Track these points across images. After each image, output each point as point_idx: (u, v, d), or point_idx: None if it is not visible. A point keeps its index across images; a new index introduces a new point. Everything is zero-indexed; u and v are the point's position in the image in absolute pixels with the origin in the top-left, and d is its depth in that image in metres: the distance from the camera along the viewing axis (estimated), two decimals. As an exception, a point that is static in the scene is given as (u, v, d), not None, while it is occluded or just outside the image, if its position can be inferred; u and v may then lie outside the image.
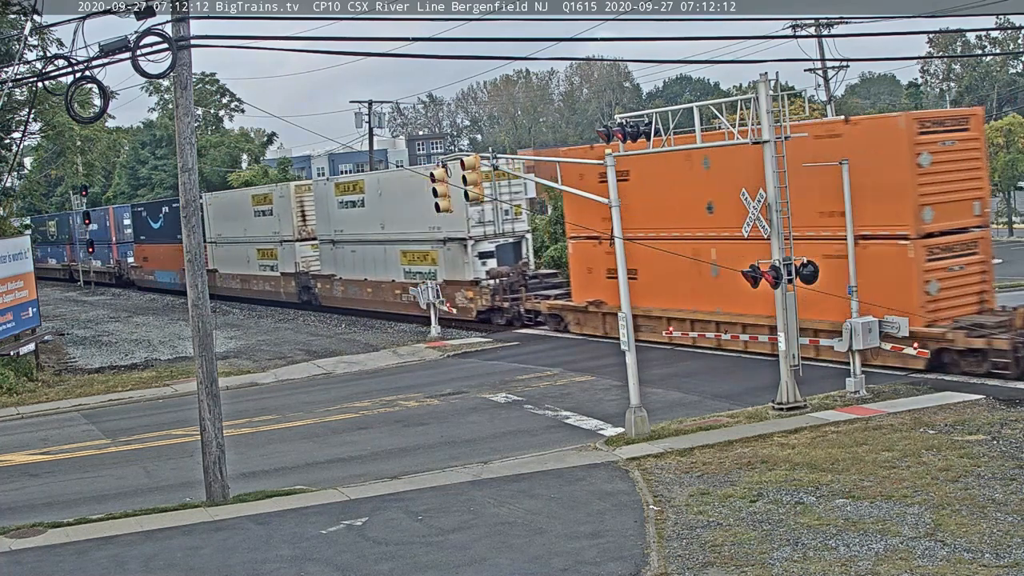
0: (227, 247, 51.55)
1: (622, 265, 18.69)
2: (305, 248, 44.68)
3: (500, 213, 34.59)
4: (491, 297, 33.49)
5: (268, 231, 46.67)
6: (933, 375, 20.86)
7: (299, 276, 44.71)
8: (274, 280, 46.87)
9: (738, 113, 19.37)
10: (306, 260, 44.61)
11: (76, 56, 15.87)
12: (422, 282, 34.41)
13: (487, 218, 34.48)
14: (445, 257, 35.03)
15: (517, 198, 35.50)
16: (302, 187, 46.05)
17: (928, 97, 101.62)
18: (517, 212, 35.39)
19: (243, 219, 49.02)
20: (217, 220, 51.85)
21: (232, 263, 51.28)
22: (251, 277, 49.28)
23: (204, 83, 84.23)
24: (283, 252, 45.99)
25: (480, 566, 12.34)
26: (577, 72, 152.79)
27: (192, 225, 16.25)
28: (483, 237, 34.44)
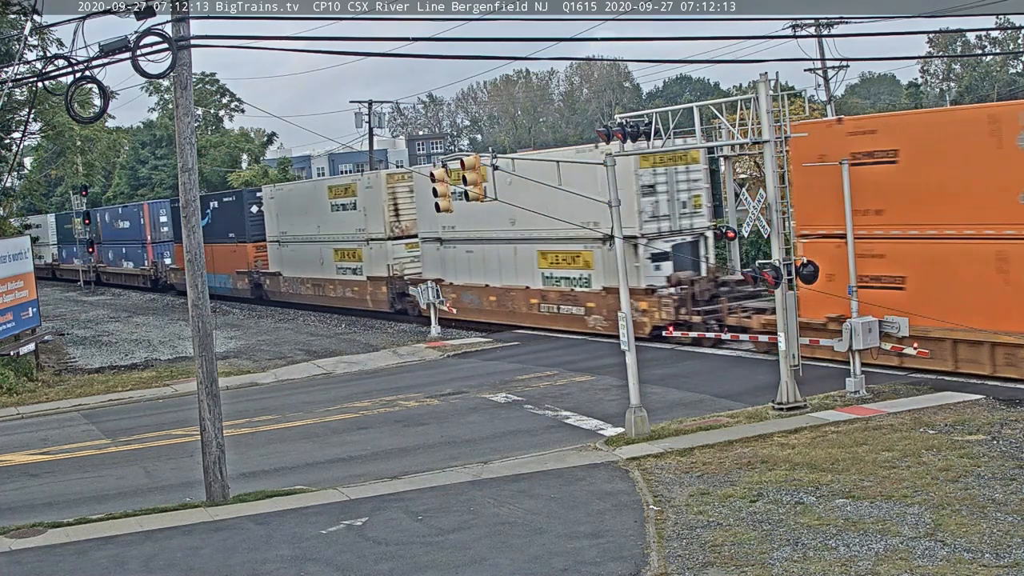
0: (295, 247, 45.09)
1: (622, 265, 18.70)
2: (399, 248, 38.57)
3: (677, 205, 28.45)
4: (674, 309, 27.03)
5: (350, 228, 40.10)
6: (933, 375, 20.86)
7: (392, 281, 38.45)
8: (358, 286, 40.11)
9: (738, 113, 19.38)
10: (400, 262, 38.54)
11: (76, 56, 15.88)
12: (422, 283, 34.23)
13: (661, 211, 28.00)
14: (605, 259, 28.42)
15: (696, 187, 28.93)
16: (395, 176, 39.56)
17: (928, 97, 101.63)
18: (696, 204, 28.89)
19: (316, 214, 42.46)
20: (282, 216, 45.90)
21: (301, 265, 44.78)
22: (327, 282, 42.39)
23: (204, 83, 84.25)
24: (370, 253, 39.63)
25: (480, 566, 12.34)
26: (577, 72, 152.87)
27: (192, 225, 16.26)
28: (657, 234, 27.98)
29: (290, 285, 45.59)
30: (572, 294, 29.97)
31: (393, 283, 38.41)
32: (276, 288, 46.55)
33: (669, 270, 27.89)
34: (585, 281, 29.42)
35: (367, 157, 68.23)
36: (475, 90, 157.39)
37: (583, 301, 29.69)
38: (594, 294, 29.09)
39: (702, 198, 28.82)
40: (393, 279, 38.49)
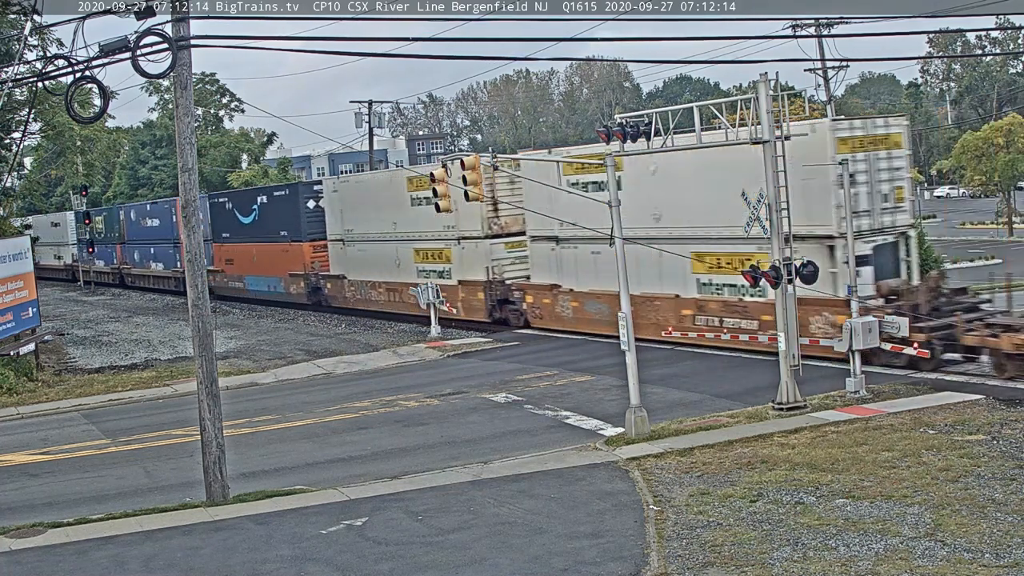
0: (362, 246, 40.25)
1: (622, 265, 18.70)
2: (498, 248, 33.86)
3: (878, 198, 23.47)
4: None
5: (436, 225, 34.60)
6: (933, 375, 20.86)
7: (491, 286, 33.93)
8: (446, 291, 34.76)
9: (738, 113, 19.38)
10: (499, 264, 33.82)
11: (76, 56, 15.87)
12: (423, 282, 34.08)
13: (861, 205, 23.08)
14: None
15: (898, 177, 23.87)
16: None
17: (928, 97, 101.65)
18: (899, 197, 23.91)
19: (392, 210, 37.09)
20: (347, 211, 41.05)
21: (371, 268, 39.73)
22: (404, 287, 36.80)
23: (204, 83, 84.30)
24: (462, 253, 34.82)
25: (480, 566, 12.34)
26: (577, 72, 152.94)
27: (192, 225, 16.20)
28: (856, 233, 22.38)
29: (357, 289, 40.64)
30: (741, 305, 24.86)
31: (492, 288, 33.78)
32: (339, 293, 42.08)
33: (870, 277, 23.13)
34: (760, 290, 23.19)
35: (367, 157, 68.21)
36: (475, 90, 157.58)
37: (755, 313, 24.75)
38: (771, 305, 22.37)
39: (905, 190, 24.12)
40: (493, 284, 33.74)
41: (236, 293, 50.71)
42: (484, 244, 33.88)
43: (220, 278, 51.84)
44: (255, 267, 48.06)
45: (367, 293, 40.11)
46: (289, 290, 45.71)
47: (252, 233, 47.95)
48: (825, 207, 22.33)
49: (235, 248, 50.06)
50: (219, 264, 51.92)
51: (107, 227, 67.88)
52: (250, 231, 48.18)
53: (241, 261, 49.52)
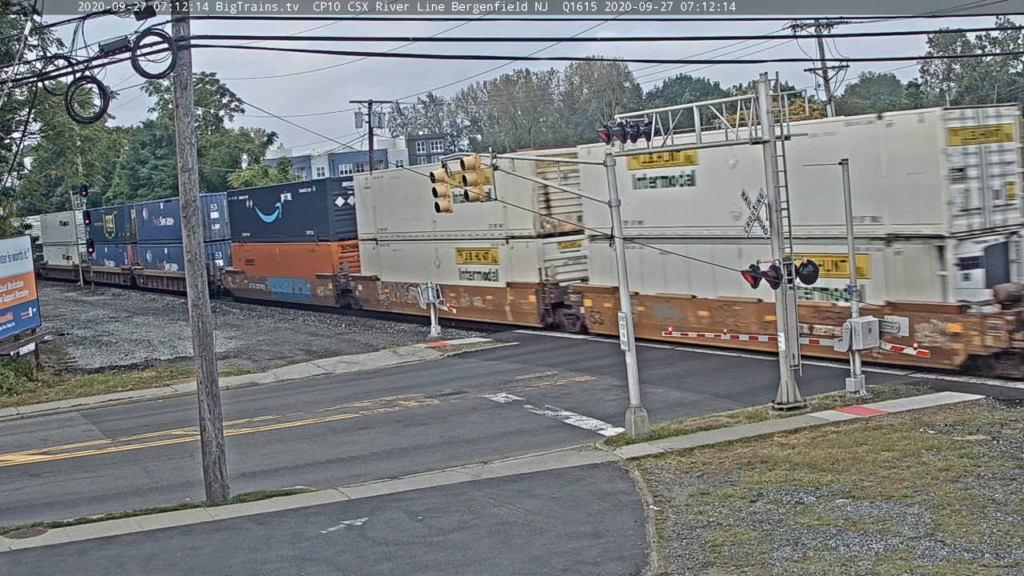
0: (398, 246, 37.80)
1: (622, 265, 18.70)
2: (550, 247, 31.55)
3: (989, 195, 21.60)
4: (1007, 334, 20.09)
5: (481, 224, 32.48)
6: (933, 375, 20.86)
7: (544, 289, 31.62)
8: (492, 293, 33.13)
9: (738, 113, 19.37)
10: (552, 264, 31.56)
11: (76, 56, 15.89)
12: (423, 282, 33.98)
13: (973, 203, 21.27)
14: (889, 264, 21.90)
15: (1010, 171, 22.06)
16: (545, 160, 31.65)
17: (928, 97, 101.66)
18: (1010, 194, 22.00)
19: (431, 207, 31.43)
20: (381, 209, 38.40)
21: (407, 268, 37.21)
22: (445, 289, 34.30)
23: (204, 83, 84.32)
24: (511, 254, 32.47)
25: (480, 566, 12.34)
26: (577, 72, 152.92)
27: (192, 225, 16.22)
28: (967, 234, 21.05)
29: (392, 292, 38.08)
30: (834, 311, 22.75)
31: (545, 291, 31.48)
32: (371, 295, 39.71)
33: (980, 280, 21.32)
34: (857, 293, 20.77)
35: (367, 157, 68.21)
36: (475, 90, 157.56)
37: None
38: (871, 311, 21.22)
39: (1017, 186, 22.20)
40: (546, 286, 31.47)
41: (258, 295, 48.21)
42: (535, 244, 31.38)
43: (240, 280, 49.64)
44: (279, 268, 45.57)
45: (403, 295, 37.15)
46: (316, 292, 43.43)
47: (275, 232, 45.47)
48: (934, 204, 20.75)
49: (256, 248, 47.42)
50: (239, 265, 49.70)
51: (118, 226, 65.21)
52: (273, 230, 45.63)
53: (263, 262, 46.94)
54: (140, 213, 61.02)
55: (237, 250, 49.75)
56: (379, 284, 38.92)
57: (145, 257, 60.59)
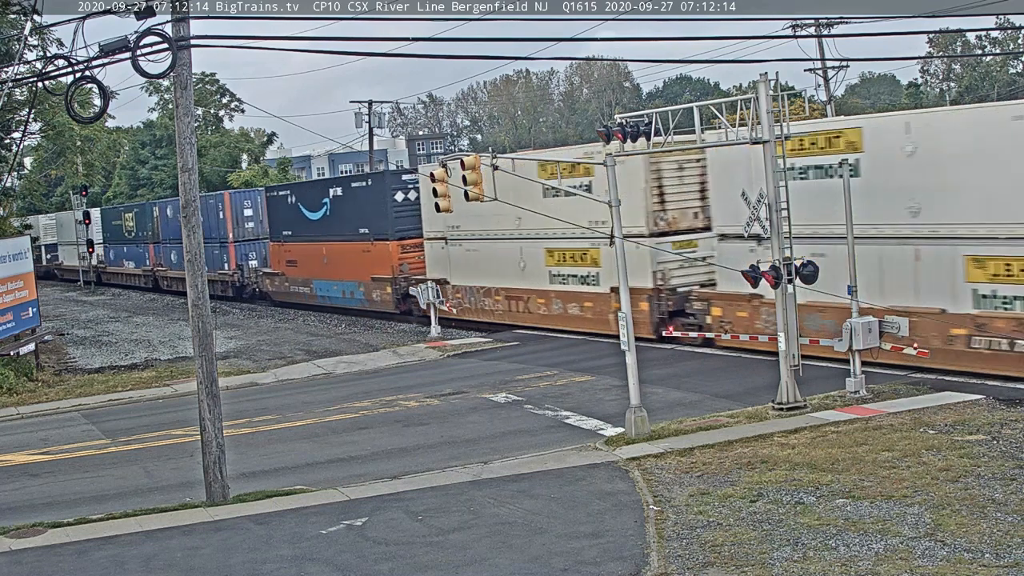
0: (473, 245, 33.66)
1: (622, 265, 18.70)
2: (664, 247, 26.89)
3: None
4: None
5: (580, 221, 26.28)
6: (933, 375, 20.86)
7: (659, 295, 27.13)
8: (592, 300, 29.44)
9: (738, 113, 19.37)
10: (666, 267, 27.06)
11: (76, 56, 15.89)
12: (423, 285, 33.90)
13: None
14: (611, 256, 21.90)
15: None
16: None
17: (928, 97, 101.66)
18: None
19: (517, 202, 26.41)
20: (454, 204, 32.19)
21: (482, 271, 33.30)
22: (533, 295, 30.85)
23: (204, 83, 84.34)
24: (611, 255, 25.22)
25: (480, 566, 12.34)
26: (577, 72, 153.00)
27: (192, 225, 16.22)
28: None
29: (465, 297, 34.23)
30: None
31: (661, 297, 27.09)
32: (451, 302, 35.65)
33: None
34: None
35: (367, 157, 68.20)
36: (475, 90, 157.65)
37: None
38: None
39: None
40: (661, 292, 27.17)
41: (300, 299, 44.15)
42: (648, 243, 26.64)
43: (279, 282, 45.48)
44: (326, 270, 41.46)
45: (479, 301, 33.60)
46: (371, 296, 39.40)
47: (322, 231, 41.33)
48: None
49: (300, 248, 43.40)
50: (278, 266, 45.79)
51: (138, 225, 61.35)
52: (320, 228, 41.48)
53: (308, 263, 42.78)
54: (164, 211, 56.79)
55: (276, 250, 45.81)
56: (449, 288, 34.72)
57: (169, 258, 56.45)
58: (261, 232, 48.74)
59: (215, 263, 49.95)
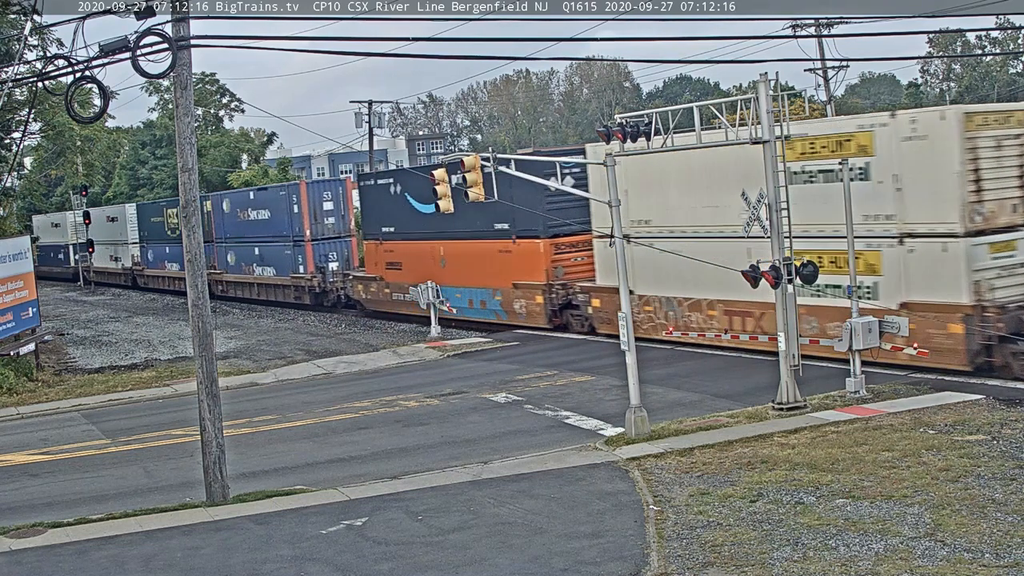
0: (673, 246, 25.02)
1: (622, 265, 18.69)
2: (980, 251, 20.63)
3: None
4: None
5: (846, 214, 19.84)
6: (933, 375, 20.86)
7: (984, 313, 20.33)
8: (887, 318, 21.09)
9: (738, 113, 19.37)
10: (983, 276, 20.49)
11: (76, 56, 15.89)
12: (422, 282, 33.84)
13: None
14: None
15: None
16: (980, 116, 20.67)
17: (928, 97, 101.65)
18: None
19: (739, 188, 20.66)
20: (637, 194, 26.82)
21: (683, 278, 25.89)
22: (763, 309, 23.34)
23: (204, 83, 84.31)
24: (907, 260, 21.36)
25: (480, 566, 12.34)
26: (577, 72, 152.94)
27: (192, 225, 16.21)
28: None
29: (660, 310, 27.21)
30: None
31: (987, 317, 20.28)
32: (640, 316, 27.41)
33: None
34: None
35: (367, 157, 68.21)
36: (475, 90, 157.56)
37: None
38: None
39: None
40: (987, 310, 20.36)
41: (407, 310, 36.25)
42: (959, 245, 20.44)
43: (377, 289, 38.67)
44: (444, 274, 34.38)
45: (682, 316, 26.61)
46: (511, 307, 32.70)
47: (440, 226, 33.37)
48: None
49: (406, 248, 36.53)
50: (374, 268, 38.99)
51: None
52: (437, 224, 33.21)
53: (417, 265, 35.72)
54: (219, 205, 50.49)
55: (373, 250, 38.91)
56: (634, 299, 25.97)
57: (226, 260, 50.20)
58: (343, 229, 43.12)
59: (287, 266, 44.18)
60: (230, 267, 50.03)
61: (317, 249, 43.37)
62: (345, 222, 43.51)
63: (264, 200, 46.78)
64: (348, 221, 43.47)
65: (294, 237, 43.71)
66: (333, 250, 43.25)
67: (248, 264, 48.36)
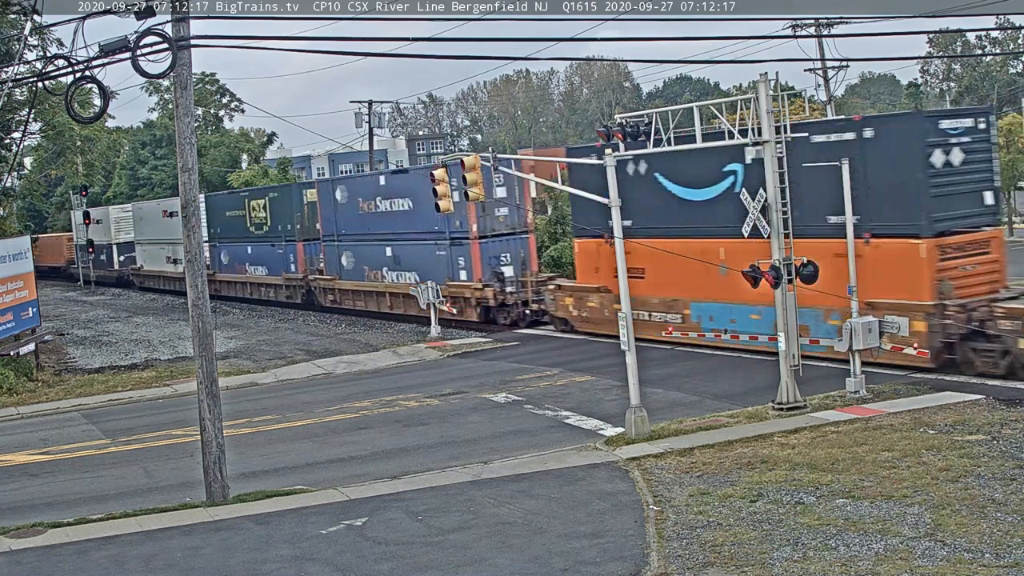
0: None
1: (622, 265, 18.68)
2: None
3: None
4: None
5: None
6: (933, 375, 20.85)
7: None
8: None
9: (738, 113, 19.36)
10: None
11: (76, 56, 15.88)
12: (423, 283, 33.73)
13: None
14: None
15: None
16: None
17: (928, 97, 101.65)
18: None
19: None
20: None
21: None
22: None
23: (204, 83, 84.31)
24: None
25: (480, 566, 12.34)
26: (577, 72, 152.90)
27: (192, 225, 16.20)
28: None
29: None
30: None
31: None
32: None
33: None
34: None
35: (367, 157, 68.20)
36: (475, 90, 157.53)
37: None
38: None
39: None
40: None
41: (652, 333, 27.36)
42: None
43: (599, 304, 29.51)
44: (724, 285, 24.73)
45: None
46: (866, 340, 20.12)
47: (719, 219, 25.10)
48: None
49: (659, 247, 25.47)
50: (594, 277, 29.74)
51: (275, 214, 45.44)
52: (712, 216, 25.56)
53: (668, 273, 26.62)
54: (329, 194, 41.25)
55: (593, 251, 29.62)
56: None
57: (338, 262, 40.78)
58: (518, 222, 34.07)
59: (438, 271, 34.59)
60: (343, 271, 40.67)
61: (486, 249, 33.48)
62: (521, 213, 34.15)
63: (404, 186, 36.33)
64: (525, 212, 34.40)
65: (451, 233, 34.13)
66: (506, 250, 33.37)
67: (375, 269, 38.54)
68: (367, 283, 39.29)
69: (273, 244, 46.12)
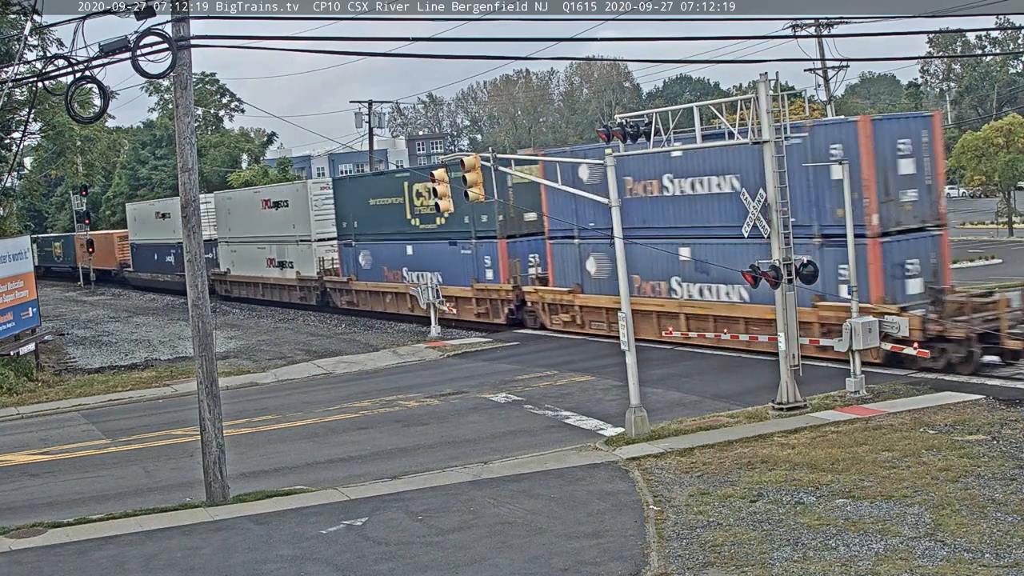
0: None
1: (622, 264, 18.69)
2: None
3: None
4: None
5: None
6: (933, 375, 20.86)
7: None
8: None
9: (738, 113, 19.36)
10: None
11: (76, 56, 15.87)
12: (423, 283, 33.71)
13: None
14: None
15: None
16: None
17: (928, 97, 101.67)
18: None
19: None
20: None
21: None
22: None
23: (204, 83, 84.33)
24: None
25: (480, 566, 12.34)
26: (577, 72, 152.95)
27: (192, 225, 16.20)
28: None
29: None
30: None
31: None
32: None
33: None
34: None
35: (367, 157, 68.17)
36: (475, 90, 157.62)
37: None
38: None
39: None
40: None
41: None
42: None
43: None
44: None
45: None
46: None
47: None
48: None
49: None
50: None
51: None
52: None
53: None
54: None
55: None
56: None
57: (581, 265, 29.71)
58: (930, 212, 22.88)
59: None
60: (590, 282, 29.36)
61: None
62: (933, 198, 22.84)
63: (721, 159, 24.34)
64: (937, 196, 22.94)
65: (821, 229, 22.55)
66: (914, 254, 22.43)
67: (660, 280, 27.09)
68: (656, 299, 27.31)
69: (434, 241, 35.38)
